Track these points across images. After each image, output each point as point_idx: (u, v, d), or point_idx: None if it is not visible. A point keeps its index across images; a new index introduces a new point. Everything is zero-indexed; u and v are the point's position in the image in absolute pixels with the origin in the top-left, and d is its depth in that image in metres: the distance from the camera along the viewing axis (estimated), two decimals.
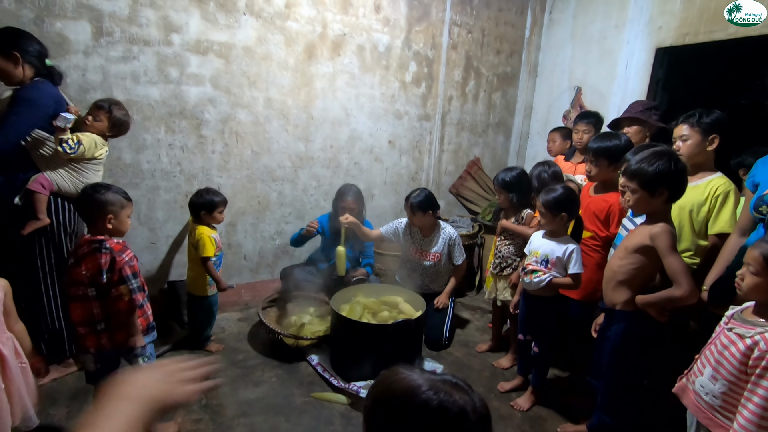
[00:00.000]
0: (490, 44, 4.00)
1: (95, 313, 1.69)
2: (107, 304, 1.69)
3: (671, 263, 1.62)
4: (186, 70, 2.69)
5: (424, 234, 2.97)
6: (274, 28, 2.92)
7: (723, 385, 1.31)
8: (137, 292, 1.69)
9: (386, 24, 3.38)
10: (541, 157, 4.23)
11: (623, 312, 1.78)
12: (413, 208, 2.80)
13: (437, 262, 2.96)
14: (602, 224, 2.21)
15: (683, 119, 2.01)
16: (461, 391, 0.73)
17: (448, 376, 0.77)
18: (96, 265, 1.65)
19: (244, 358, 2.59)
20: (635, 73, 3.38)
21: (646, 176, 1.65)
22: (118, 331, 1.72)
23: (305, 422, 2.08)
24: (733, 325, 1.33)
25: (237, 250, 3.17)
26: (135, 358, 1.75)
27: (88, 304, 1.69)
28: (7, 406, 1.46)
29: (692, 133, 1.97)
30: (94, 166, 2.20)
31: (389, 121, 3.61)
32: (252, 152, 3.05)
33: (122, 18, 2.45)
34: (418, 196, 2.80)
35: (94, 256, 1.65)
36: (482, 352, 2.84)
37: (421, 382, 0.73)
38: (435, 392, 0.71)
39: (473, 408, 0.71)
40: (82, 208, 1.80)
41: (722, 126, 1.95)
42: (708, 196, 1.93)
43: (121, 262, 1.66)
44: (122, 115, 2.23)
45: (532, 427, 2.17)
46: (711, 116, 1.95)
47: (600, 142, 2.20)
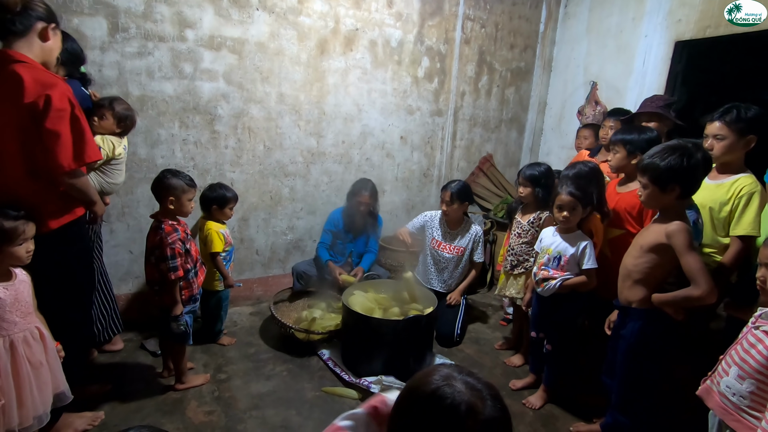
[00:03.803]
0: (503, 39, 3.95)
1: (155, 277, 2.05)
2: (161, 272, 2.01)
3: (689, 262, 1.58)
4: (199, 65, 2.71)
5: (451, 227, 2.99)
6: (287, 24, 2.92)
7: (751, 383, 1.27)
8: (174, 271, 1.99)
9: (399, 19, 3.36)
10: (555, 153, 4.18)
11: (639, 310, 1.75)
12: (453, 197, 2.83)
13: (459, 256, 2.97)
14: (635, 220, 2.05)
15: (719, 116, 1.87)
16: (477, 395, 0.73)
17: (475, 379, 0.77)
18: (153, 241, 2.03)
19: (256, 352, 2.61)
20: (653, 67, 3.30)
21: (657, 171, 1.61)
22: (165, 296, 2.05)
23: (316, 416, 2.09)
24: (760, 323, 1.30)
25: (249, 245, 3.20)
26: (173, 322, 2.06)
27: (151, 269, 2.06)
28: (49, 379, 1.60)
29: (728, 133, 1.84)
30: (117, 165, 2.22)
31: (401, 116, 3.59)
32: (264, 147, 3.06)
33: (137, 14, 2.47)
34: (457, 185, 2.86)
35: (154, 233, 2.03)
36: (501, 349, 2.83)
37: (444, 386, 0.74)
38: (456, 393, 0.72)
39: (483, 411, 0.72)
40: (153, 190, 2.08)
41: (762, 125, 1.82)
42: (732, 196, 1.85)
43: (165, 244, 1.97)
44: (124, 109, 2.23)
45: (544, 425, 2.15)
46: (750, 114, 1.81)
47: (622, 134, 2.13)
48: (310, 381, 2.37)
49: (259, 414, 2.09)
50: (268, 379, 2.36)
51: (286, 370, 2.45)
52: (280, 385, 2.32)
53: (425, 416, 0.73)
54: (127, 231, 2.72)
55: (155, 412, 2.05)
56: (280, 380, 2.36)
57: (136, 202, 2.71)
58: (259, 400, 2.18)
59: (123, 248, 2.74)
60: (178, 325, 2.07)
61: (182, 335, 2.10)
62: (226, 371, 2.41)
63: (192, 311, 2.19)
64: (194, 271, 2.15)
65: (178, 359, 2.19)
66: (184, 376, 2.21)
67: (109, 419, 1.96)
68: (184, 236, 2.07)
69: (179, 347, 2.17)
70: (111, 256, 2.67)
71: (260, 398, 2.20)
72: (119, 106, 2.21)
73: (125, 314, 2.60)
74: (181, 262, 2.03)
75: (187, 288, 2.11)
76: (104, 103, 2.19)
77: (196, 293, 2.18)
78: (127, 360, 2.44)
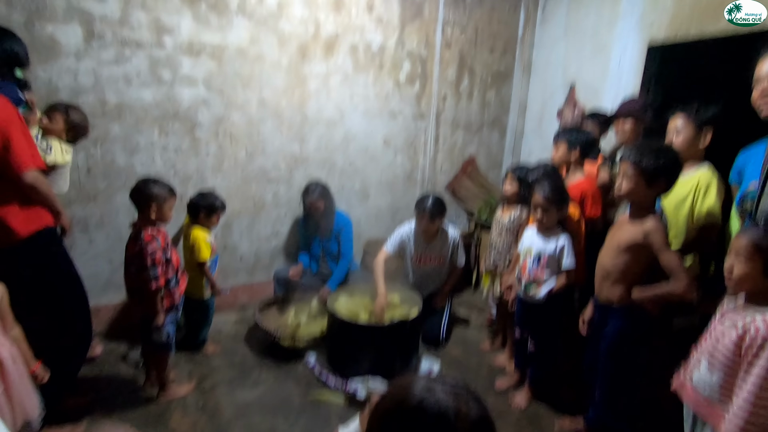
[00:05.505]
0: (483, 42, 4.00)
1: (136, 287, 2.03)
2: (142, 281, 1.98)
3: (668, 259, 1.62)
4: (179, 71, 2.68)
5: (428, 239, 2.91)
6: (267, 29, 2.92)
7: (719, 375, 1.31)
8: (155, 280, 1.97)
9: (379, 23, 3.38)
10: (536, 154, 4.23)
11: (620, 308, 1.79)
12: (432, 216, 2.72)
13: (441, 265, 2.96)
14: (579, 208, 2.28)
15: (680, 111, 2.00)
16: (461, 400, 0.75)
17: (453, 385, 0.79)
18: (132, 250, 2.00)
19: (242, 360, 2.59)
20: (628, 69, 3.38)
21: (650, 165, 1.64)
22: (146, 305, 2.03)
23: (303, 422, 2.09)
24: (726, 316, 1.34)
25: (233, 252, 3.17)
26: (154, 332, 2.05)
27: (131, 278, 2.04)
28: (9, 410, 1.45)
29: (687, 126, 1.95)
30: (63, 172, 2.13)
31: (384, 120, 3.60)
32: (246, 153, 3.04)
33: (113, 20, 2.44)
34: (433, 204, 2.72)
35: (133, 242, 2.01)
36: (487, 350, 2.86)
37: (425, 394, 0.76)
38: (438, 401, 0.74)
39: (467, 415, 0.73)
40: (133, 198, 2.04)
41: (717, 120, 1.93)
42: (690, 190, 1.94)
43: (145, 253, 1.95)
44: (80, 120, 2.18)
45: (530, 423, 2.18)
46: (708, 110, 1.94)
47: (563, 134, 2.46)
48: (296, 387, 2.36)
49: (245, 422, 2.07)
50: (254, 387, 2.34)
51: (273, 377, 2.43)
52: (266, 392, 2.31)
53: (415, 429, 0.74)
54: (107, 240, 2.68)
55: (138, 423, 2.01)
56: (266, 387, 2.35)
57: (115, 210, 2.66)
58: (245, 408, 2.17)
59: (102, 258, 2.69)
60: (159, 335, 2.05)
61: (164, 345, 2.08)
62: (211, 380, 2.38)
63: (174, 320, 2.16)
64: (175, 279, 2.12)
65: (161, 369, 2.16)
66: (167, 386, 2.18)
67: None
68: (164, 245, 2.04)
69: (162, 357, 2.14)
70: (90, 267, 2.62)
71: (246, 406, 2.18)
72: (74, 115, 2.16)
73: (106, 325, 2.55)
74: (162, 271, 2.01)
75: (168, 297, 2.09)
76: (59, 107, 2.13)
77: (178, 302, 2.16)
78: (108, 371, 2.39)
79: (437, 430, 0.72)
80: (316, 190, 3.00)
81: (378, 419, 0.80)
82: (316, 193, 3.00)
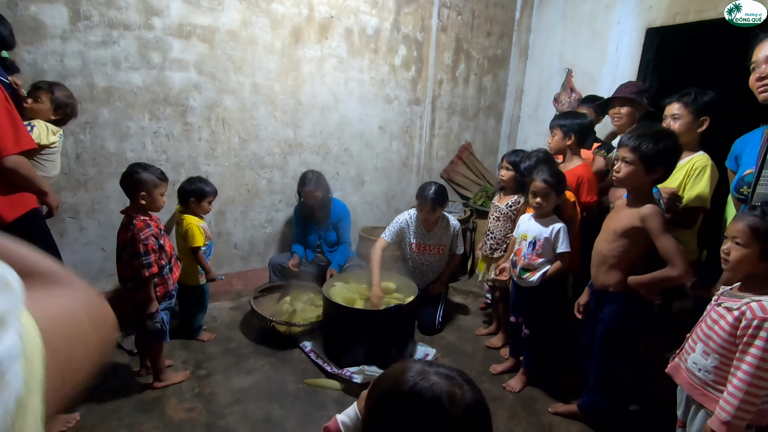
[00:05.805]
0: (480, 26, 3.94)
1: (129, 275, 2.00)
2: (135, 269, 1.96)
3: (665, 244, 1.62)
4: (169, 54, 2.61)
5: (428, 228, 2.88)
6: (259, 11, 2.85)
7: (715, 359, 1.32)
8: (148, 267, 1.94)
9: (374, 6, 3.31)
10: (532, 140, 4.22)
11: (616, 293, 1.79)
12: (434, 205, 2.67)
13: (440, 253, 2.94)
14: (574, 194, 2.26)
15: (677, 98, 1.99)
16: (455, 384, 0.75)
17: (447, 369, 0.79)
18: (124, 237, 1.97)
19: (237, 347, 2.58)
20: (625, 54, 3.35)
21: (649, 151, 1.62)
22: (140, 293, 2.01)
23: (299, 408, 2.09)
24: (722, 300, 1.34)
25: (227, 239, 3.14)
26: (148, 320, 2.02)
27: (123, 266, 2.01)
28: None
29: (684, 113, 1.95)
30: (51, 155, 2.07)
31: (379, 105, 3.56)
32: (240, 139, 2.99)
33: (100, 1, 2.36)
34: (436, 192, 2.68)
35: (125, 229, 1.97)
36: (482, 335, 2.87)
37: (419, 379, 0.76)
38: (432, 385, 0.74)
39: (463, 401, 0.74)
40: (122, 185, 2.00)
41: (715, 108, 1.93)
42: (685, 175, 1.95)
43: (137, 240, 1.92)
44: (65, 97, 2.11)
45: (524, 407, 2.20)
46: (705, 97, 1.93)
47: (557, 120, 2.41)
48: (292, 374, 2.36)
49: (240, 408, 2.07)
50: (249, 374, 2.34)
51: (268, 364, 2.43)
52: (261, 378, 2.31)
53: (409, 414, 0.74)
54: (98, 228, 2.64)
55: (133, 411, 2.01)
56: (262, 374, 2.35)
57: (106, 197, 2.62)
58: (240, 395, 2.17)
59: (94, 245, 2.65)
60: (153, 322, 2.03)
61: (158, 333, 2.06)
62: (206, 367, 2.37)
63: (168, 308, 2.15)
64: (169, 267, 2.10)
65: (156, 357, 2.15)
66: (162, 373, 2.17)
67: (84, 420, 1.91)
68: (157, 231, 2.02)
69: (156, 345, 2.13)
70: (82, 254, 2.59)
71: (242, 393, 2.18)
72: (59, 92, 2.09)
73: None
74: (155, 259, 1.98)
75: (162, 284, 2.06)
76: (42, 85, 2.06)
77: (172, 289, 2.14)
78: None
79: (432, 414, 0.72)
80: (312, 180, 2.96)
81: (373, 404, 0.80)
82: (312, 183, 2.95)
